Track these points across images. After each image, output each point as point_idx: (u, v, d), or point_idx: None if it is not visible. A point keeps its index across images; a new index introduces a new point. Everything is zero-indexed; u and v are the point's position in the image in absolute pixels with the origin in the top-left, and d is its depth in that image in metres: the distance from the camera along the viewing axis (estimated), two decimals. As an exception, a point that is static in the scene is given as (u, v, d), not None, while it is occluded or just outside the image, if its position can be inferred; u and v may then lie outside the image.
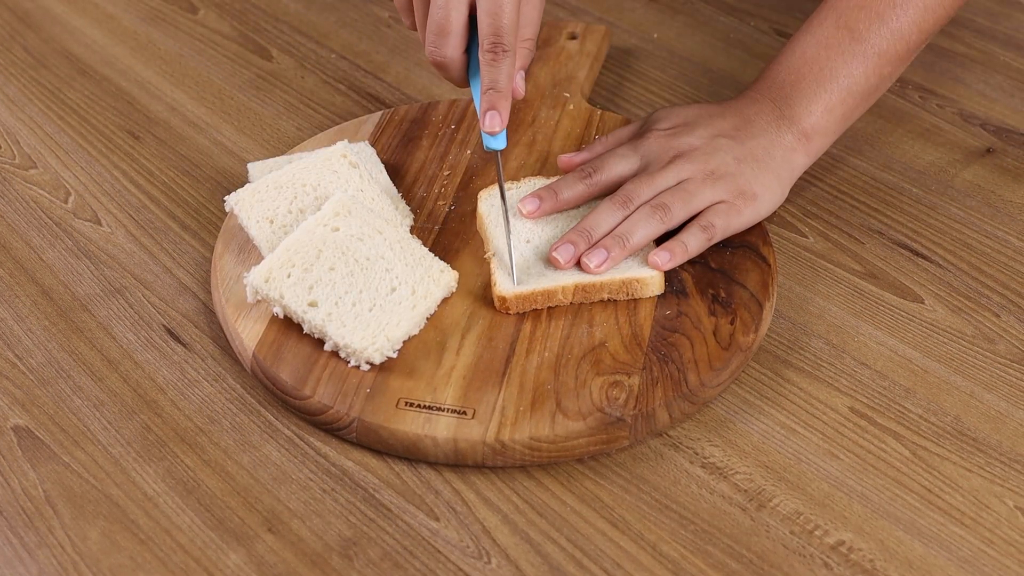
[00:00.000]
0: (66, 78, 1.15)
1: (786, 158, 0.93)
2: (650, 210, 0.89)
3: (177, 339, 0.90)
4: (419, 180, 0.99)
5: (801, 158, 0.94)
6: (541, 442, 0.80)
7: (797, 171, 0.94)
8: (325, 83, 1.15)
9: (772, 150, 0.93)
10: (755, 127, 0.94)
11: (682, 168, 0.91)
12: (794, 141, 0.94)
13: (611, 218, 0.90)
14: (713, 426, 0.84)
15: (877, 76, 0.94)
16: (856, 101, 0.95)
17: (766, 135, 0.93)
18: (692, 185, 0.90)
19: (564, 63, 1.11)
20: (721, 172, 0.91)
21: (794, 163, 0.94)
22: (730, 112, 0.95)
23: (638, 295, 0.88)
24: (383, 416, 0.80)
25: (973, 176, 1.04)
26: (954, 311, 0.92)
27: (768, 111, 0.94)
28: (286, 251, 0.87)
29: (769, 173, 0.92)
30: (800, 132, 0.94)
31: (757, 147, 0.93)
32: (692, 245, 0.89)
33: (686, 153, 0.92)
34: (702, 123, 0.95)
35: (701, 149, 0.92)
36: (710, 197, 0.90)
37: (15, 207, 1.01)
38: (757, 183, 0.92)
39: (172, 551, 0.76)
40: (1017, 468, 0.81)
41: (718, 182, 0.91)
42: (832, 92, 0.94)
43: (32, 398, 0.85)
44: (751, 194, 0.91)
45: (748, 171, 0.92)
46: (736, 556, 0.76)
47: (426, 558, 0.76)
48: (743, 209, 0.91)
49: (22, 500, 0.79)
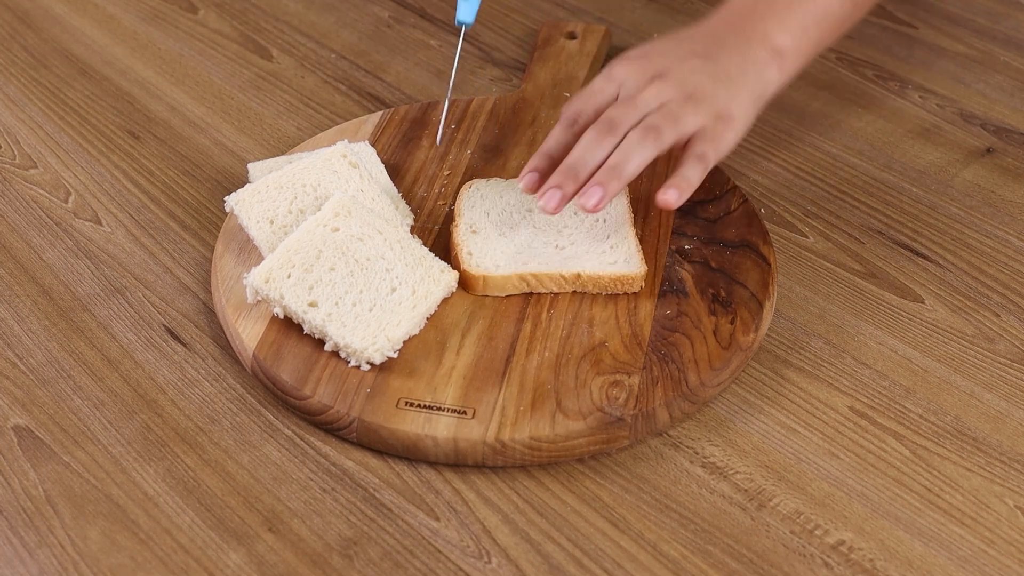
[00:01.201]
0: (66, 78, 1.15)
1: (759, 75, 0.91)
2: (642, 133, 0.86)
3: (177, 339, 0.90)
4: (419, 180, 0.99)
5: (775, 73, 0.92)
6: (541, 442, 0.80)
7: (771, 87, 0.92)
8: (325, 83, 1.15)
9: (745, 66, 0.90)
10: (727, 44, 0.91)
11: (661, 89, 0.88)
12: (768, 58, 0.91)
13: (599, 150, 0.86)
14: (713, 426, 0.84)
15: (852, 3, 0.94)
16: (830, 26, 0.93)
17: (739, 52, 0.91)
18: (675, 106, 0.87)
19: (564, 63, 1.11)
20: (699, 94, 0.88)
21: (767, 80, 0.91)
22: (699, 32, 0.93)
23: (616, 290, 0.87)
24: (383, 416, 0.80)
25: (973, 176, 1.04)
26: (954, 311, 0.92)
27: (740, 28, 0.92)
28: (286, 251, 0.87)
29: (744, 91, 0.90)
30: (773, 48, 0.91)
31: (731, 65, 0.90)
32: (693, 177, 0.86)
33: (661, 74, 0.89)
34: (672, 46, 0.92)
35: (675, 69, 0.89)
36: (694, 122, 0.87)
37: (15, 207, 1.01)
38: (733, 103, 0.89)
39: (172, 551, 0.76)
40: (1017, 468, 0.81)
41: (699, 105, 0.88)
42: (808, 11, 0.92)
43: (32, 398, 0.85)
44: (728, 116, 0.88)
45: (723, 91, 0.89)
46: (736, 556, 0.76)
47: (426, 558, 0.76)
48: (724, 133, 0.88)
49: (22, 500, 0.79)
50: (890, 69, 1.16)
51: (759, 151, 1.06)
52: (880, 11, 1.24)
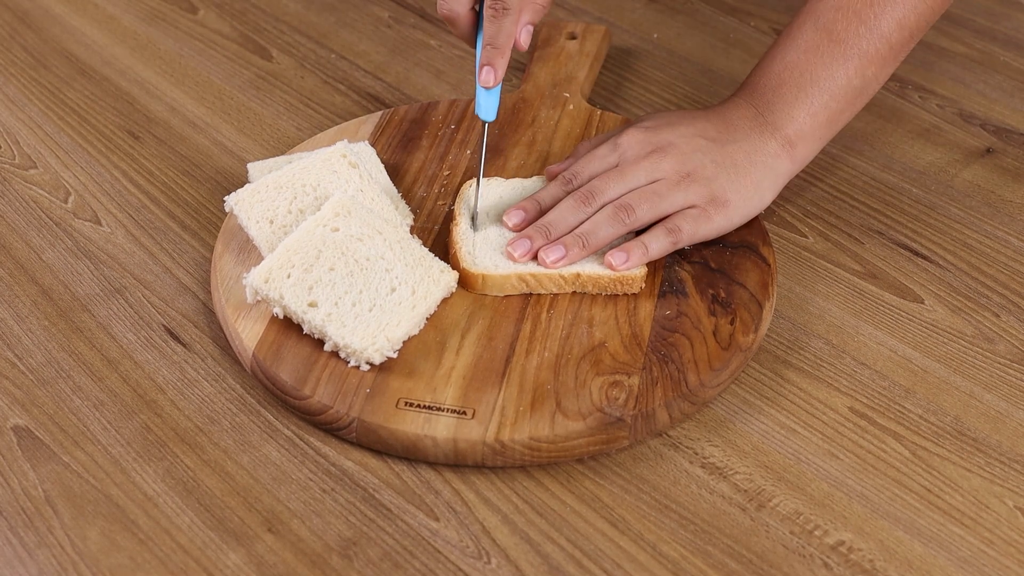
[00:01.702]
0: (66, 78, 1.15)
1: (768, 165, 0.92)
2: (613, 211, 0.88)
3: (177, 339, 0.90)
4: (419, 180, 0.99)
5: (786, 164, 0.93)
6: (541, 442, 0.80)
7: (782, 178, 0.93)
8: (325, 83, 1.15)
9: (754, 156, 0.92)
10: (738, 132, 0.93)
11: (657, 164, 0.90)
12: (778, 148, 0.92)
13: (573, 216, 0.89)
14: (713, 426, 0.84)
15: (861, 78, 0.93)
16: (840, 104, 0.93)
17: (748, 140, 0.92)
18: (663, 187, 0.89)
19: (564, 63, 1.11)
20: (697, 175, 0.90)
21: (778, 170, 0.92)
22: (713, 116, 0.94)
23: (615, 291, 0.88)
24: (383, 416, 0.80)
25: (973, 176, 1.04)
26: (954, 311, 0.92)
27: (751, 117, 0.93)
28: (286, 251, 0.87)
29: (747, 179, 0.91)
30: (784, 138, 0.92)
31: (738, 152, 0.92)
32: (654, 248, 0.88)
33: (663, 149, 0.91)
34: (684, 123, 0.93)
35: (679, 147, 0.91)
36: (681, 201, 0.89)
37: (15, 207, 1.01)
38: (732, 189, 0.90)
39: (172, 551, 0.76)
40: (1017, 468, 0.81)
41: (691, 185, 0.90)
42: (814, 97, 0.92)
43: (32, 398, 0.85)
44: (723, 200, 0.90)
45: (724, 176, 0.90)
46: (736, 556, 0.76)
47: (426, 558, 0.76)
48: (713, 216, 0.90)
49: (22, 500, 0.79)
50: (890, 69, 1.16)
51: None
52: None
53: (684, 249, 0.91)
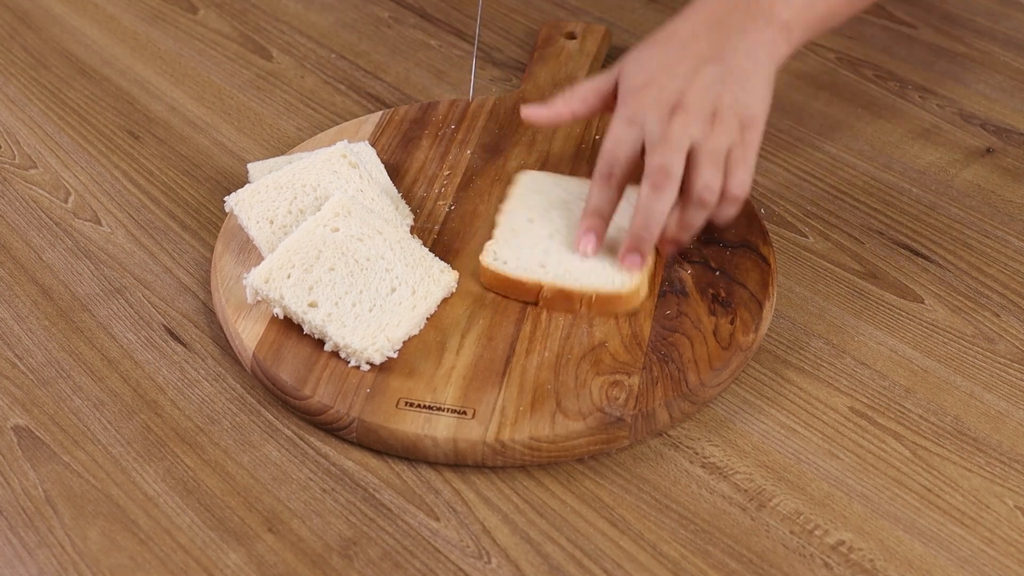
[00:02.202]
0: (66, 78, 1.15)
1: (770, 55, 0.88)
2: (697, 202, 0.86)
3: (177, 339, 0.90)
4: (419, 180, 0.99)
5: (784, 48, 0.89)
6: (541, 442, 0.80)
7: (780, 62, 0.90)
8: (325, 83, 1.15)
9: (755, 52, 0.88)
10: (731, 31, 0.88)
11: (686, 124, 0.85)
12: (775, 34, 0.88)
13: (661, 202, 0.86)
14: (713, 426, 0.84)
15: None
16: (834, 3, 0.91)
17: (745, 35, 0.88)
18: (706, 141, 0.85)
19: (564, 63, 1.11)
20: (720, 109, 0.86)
21: (777, 57, 0.89)
22: (700, 25, 0.89)
23: (612, 310, 0.87)
24: (383, 416, 0.80)
25: (973, 176, 1.04)
26: (954, 311, 0.92)
27: (743, 6, 0.89)
28: (286, 252, 0.87)
29: (757, 79, 0.88)
30: (780, 24, 0.88)
31: (740, 56, 0.87)
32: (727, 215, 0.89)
33: (678, 103, 0.86)
34: (676, 57, 0.88)
35: (690, 92, 0.86)
36: (724, 143, 0.86)
37: (15, 207, 1.01)
38: (752, 100, 0.87)
39: (172, 551, 0.76)
40: (1017, 468, 0.81)
41: (723, 123, 0.86)
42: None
43: (32, 398, 0.85)
44: (751, 120, 0.87)
45: (741, 93, 0.87)
46: (736, 556, 0.76)
47: (426, 558, 0.76)
48: (751, 140, 0.87)
49: (22, 500, 0.79)
50: (890, 69, 1.16)
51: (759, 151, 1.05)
52: (880, 11, 1.24)
53: (685, 249, 0.91)
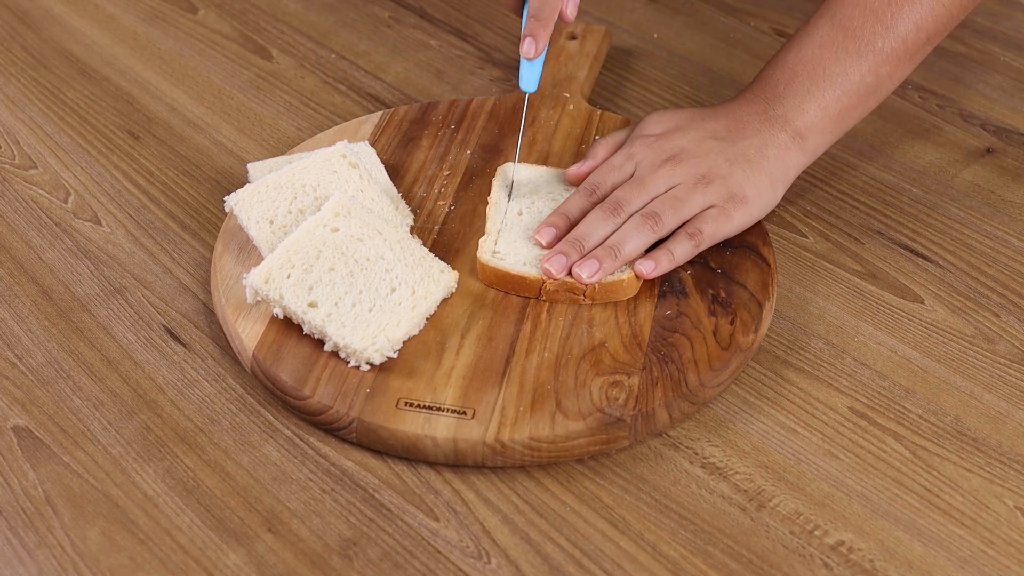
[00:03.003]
0: (66, 78, 1.15)
1: (780, 157, 0.92)
2: (641, 220, 0.89)
3: (177, 339, 0.90)
4: (419, 180, 0.99)
5: (796, 157, 0.93)
6: (541, 442, 0.80)
7: (793, 170, 0.93)
8: (325, 83, 1.15)
9: (765, 150, 0.92)
10: (747, 128, 0.93)
11: (673, 172, 0.91)
12: (788, 140, 0.93)
13: (602, 227, 0.90)
14: (713, 426, 0.84)
15: (874, 75, 0.93)
16: (852, 100, 0.93)
17: (758, 135, 0.93)
18: (682, 191, 0.90)
19: (564, 63, 1.11)
20: (712, 175, 0.91)
21: (789, 162, 0.93)
22: (722, 114, 0.95)
23: (615, 298, 0.88)
24: (383, 416, 0.80)
25: (973, 176, 1.04)
26: (954, 311, 0.92)
27: (761, 111, 0.94)
28: (286, 252, 0.87)
29: (761, 173, 0.92)
30: (794, 131, 0.93)
31: (749, 147, 0.92)
32: (678, 253, 0.89)
33: (676, 156, 0.92)
34: (693, 126, 0.94)
35: (691, 151, 0.92)
36: (701, 203, 0.90)
37: (15, 207, 1.01)
38: (748, 185, 0.91)
39: (172, 551, 0.76)
40: (1017, 468, 0.81)
41: (709, 186, 0.90)
42: (826, 90, 0.93)
43: (32, 398, 0.85)
44: (742, 197, 0.90)
45: (739, 173, 0.91)
46: (736, 556, 0.76)
47: (426, 558, 0.76)
48: (733, 214, 0.90)
49: (22, 500, 0.79)
50: (890, 69, 1.16)
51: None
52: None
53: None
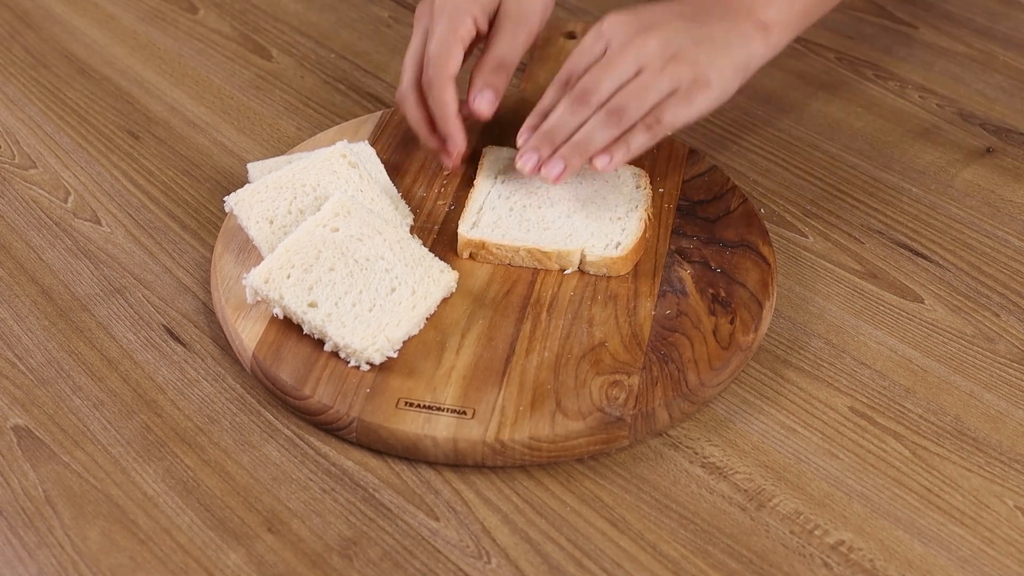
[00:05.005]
0: (66, 78, 1.15)
1: (744, 45, 0.92)
2: (606, 116, 0.89)
3: (177, 339, 0.90)
4: (419, 180, 0.99)
5: (760, 47, 0.93)
6: (541, 442, 0.80)
7: (755, 61, 0.93)
8: (325, 83, 1.15)
9: (730, 36, 0.91)
10: (713, 12, 0.92)
11: (643, 46, 0.90)
12: (752, 30, 0.92)
13: (571, 119, 0.90)
14: (713, 426, 0.84)
15: None
16: None
17: (724, 21, 0.92)
18: (648, 77, 0.89)
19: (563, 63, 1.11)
20: (681, 56, 0.90)
21: (752, 52, 0.92)
22: (685, 4, 0.94)
23: (610, 272, 0.89)
24: (383, 416, 0.80)
25: (973, 176, 1.04)
26: (954, 311, 0.92)
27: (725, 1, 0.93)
28: (285, 252, 0.87)
29: (726, 59, 0.91)
30: (758, 22, 0.92)
31: (715, 30, 0.91)
32: (635, 144, 0.89)
33: (647, 29, 0.91)
34: (660, 7, 0.93)
35: (662, 26, 0.91)
36: (667, 87, 0.89)
37: (15, 207, 1.01)
38: (712, 69, 0.90)
39: (172, 551, 0.76)
40: (1017, 468, 0.81)
41: (676, 67, 0.89)
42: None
43: (32, 398, 0.85)
44: (704, 81, 0.90)
45: (704, 56, 0.90)
46: (736, 556, 0.76)
47: (426, 558, 0.76)
48: (695, 98, 0.90)
49: (22, 500, 0.79)
50: (890, 69, 1.16)
51: (759, 151, 1.06)
52: (880, 11, 1.24)
53: (684, 248, 0.92)
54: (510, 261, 0.91)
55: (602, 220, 0.92)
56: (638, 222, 0.92)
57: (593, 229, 0.91)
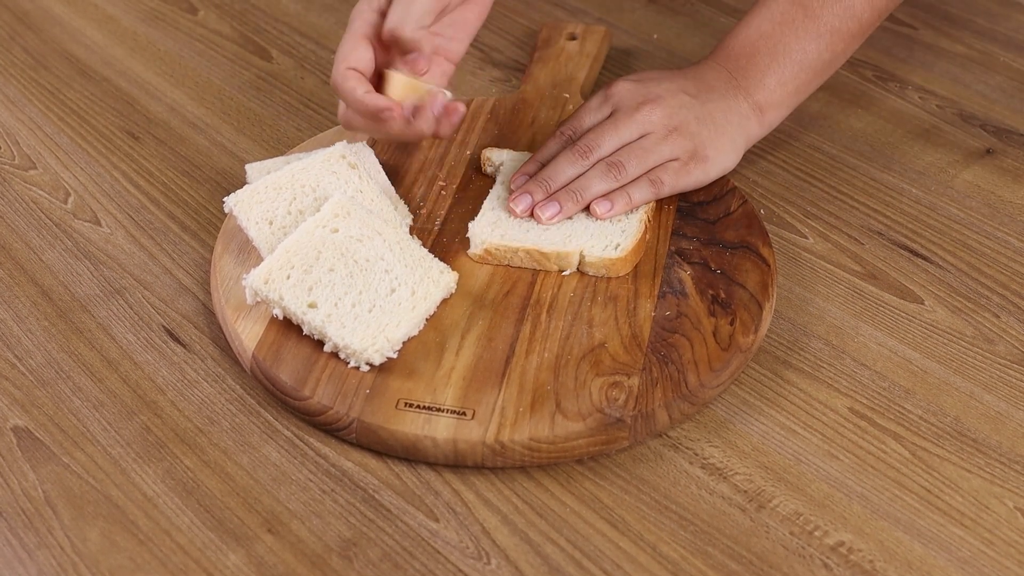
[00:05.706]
0: (66, 79, 1.15)
1: (742, 125, 0.96)
2: (605, 168, 0.93)
3: (177, 340, 0.90)
4: (419, 180, 0.99)
5: (756, 128, 0.97)
6: (541, 443, 0.80)
7: (752, 139, 0.98)
8: (325, 84, 1.15)
9: (729, 115, 0.96)
10: (714, 91, 0.97)
11: (650, 115, 0.94)
12: (749, 110, 0.97)
13: (570, 169, 0.93)
14: (713, 427, 0.84)
15: (830, 52, 0.97)
16: (809, 76, 0.97)
17: (724, 100, 0.96)
18: (650, 142, 0.93)
19: (564, 64, 1.11)
20: (682, 129, 0.94)
21: (749, 131, 0.97)
22: (691, 75, 0.98)
23: (609, 273, 0.89)
24: (383, 417, 0.80)
25: (973, 176, 1.04)
26: (954, 312, 0.92)
27: (725, 79, 0.97)
28: (285, 252, 0.87)
29: (724, 137, 0.95)
30: (755, 103, 0.97)
31: (716, 110, 0.96)
32: (636, 197, 0.93)
33: (654, 100, 0.95)
34: (667, 79, 0.98)
35: (667, 100, 0.95)
36: (667, 154, 0.94)
37: (15, 207, 1.01)
38: (712, 146, 0.95)
39: (172, 552, 0.76)
40: (1017, 468, 0.81)
41: (677, 139, 0.94)
42: (785, 67, 0.97)
43: (32, 399, 0.85)
44: (703, 156, 0.94)
45: (706, 133, 0.95)
46: (736, 557, 0.76)
47: (426, 559, 0.76)
48: (693, 170, 0.94)
49: (22, 501, 0.79)
50: (890, 69, 1.16)
51: (759, 151, 1.06)
52: (880, 12, 1.24)
53: (684, 250, 0.92)
54: (509, 262, 0.91)
55: (601, 221, 0.92)
56: (638, 224, 0.92)
57: (592, 230, 0.91)
